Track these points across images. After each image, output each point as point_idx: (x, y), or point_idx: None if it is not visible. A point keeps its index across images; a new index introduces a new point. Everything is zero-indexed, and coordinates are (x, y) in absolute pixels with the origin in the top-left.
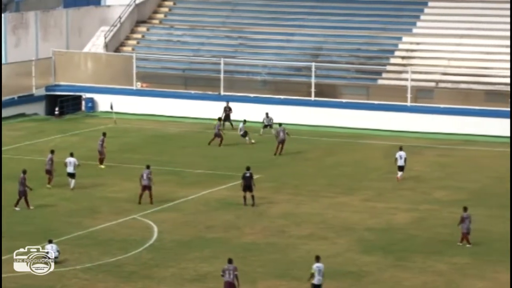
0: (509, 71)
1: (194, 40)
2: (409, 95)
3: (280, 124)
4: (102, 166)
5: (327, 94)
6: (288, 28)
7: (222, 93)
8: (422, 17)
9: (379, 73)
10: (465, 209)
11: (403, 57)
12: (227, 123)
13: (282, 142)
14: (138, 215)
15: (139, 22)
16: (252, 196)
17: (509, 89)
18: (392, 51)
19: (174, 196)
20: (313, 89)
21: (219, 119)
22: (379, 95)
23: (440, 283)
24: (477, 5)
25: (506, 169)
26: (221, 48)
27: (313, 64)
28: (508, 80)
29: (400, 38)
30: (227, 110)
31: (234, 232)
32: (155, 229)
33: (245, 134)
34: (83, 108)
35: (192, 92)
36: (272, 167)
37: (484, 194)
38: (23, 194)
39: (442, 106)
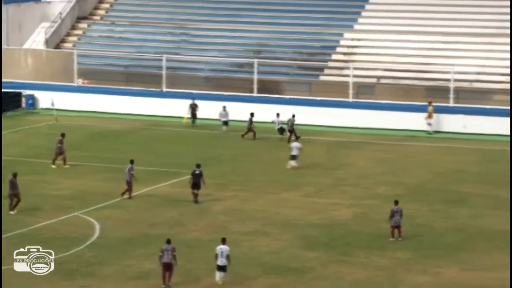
0: (449, 67)
1: (136, 36)
2: (351, 91)
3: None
4: (55, 166)
5: (269, 90)
6: (231, 25)
7: (165, 89)
8: (363, 13)
9: (321, 69)
10: (395, 202)
11: (344, 53)
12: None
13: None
14: (80, 213)
15: (80, 18)
16: (197, 194)
17: (449, 85)
18: (334, 47)
19: (117, 193)
20: (255, 85)
21: (252, 114)
22: (321, 91)
23: (382, 278)
24: (418, 1)
25: (447, 164)
26: (163, 45)
27: (256, 60)
28: (448, 76)
29: (341, 35)
30: (193, 107)
31: (178, 229)
32: (97, 226)
33: (281, 131)
34: (23, 105)
35: (134, 88)
36: (216, 164)
37: (426, 189)
38: None
39: (383, 102)
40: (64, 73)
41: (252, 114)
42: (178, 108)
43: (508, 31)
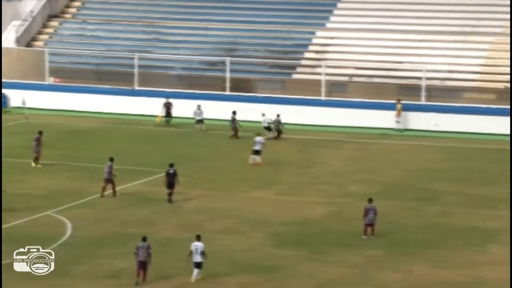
0: (420, 65)
1: (107, 34)
2: (323, 89)
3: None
4: (35, 165)
5: (242, 88)
6: (203, 23)
7: (137, 88)
8: (336, 12)
9: (293, 67)
10: (369, 200)
11: (317, 52)
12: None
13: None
14: (52, 212)
15: (52, 17)
16: (171, 193)
17: (421, 83)
18: (306, 46)
19: (88, 192)
20: (228, 84)
21: (234, 112)
22: (294, 90)
23: (355, 275)
24: None
25: (420, 162)
26: (135, 43)
27: (228, 58)
28: (420, 74)
29: (314, 33)
30: (168, 106)
31: (150, 228)
32: (69, 225)
33: (269, 129)
34: None
35: (106, 87)
36: (188, 162)
37: (398, 187)
38: None
39: (355, 100)
40: (35, 72)
41: (234, 113)
42: (150, 106)
43: (479, 29)
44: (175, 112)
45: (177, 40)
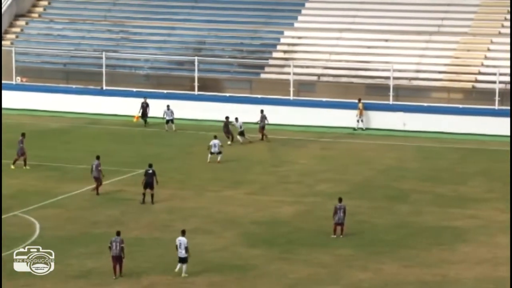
0: (388, 64)
1: (74, 34)
2: (291, 89)
3: (262, 111)
4: (27, 167)
5: (210, 88)
6: (170, 22)
7: (104, 87)
8: (303, 11)
9: (261, 67)
10: (339, 200)
11: (285, 51)
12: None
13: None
14: (20, 212)
15: (18, 16)
16: (152, 195)
17: (388, 83)
18: (274, 45)
19: (56, 192)
20: (196, 83)
21: (227, 117)
22: (262, 89)
23: (324, 275)
24: None
25: (388, 161)
26: (102, 42)
27: (196, 58)
28: (387, 74)
29: (282, 32)
30: (145, 106)
31: (119, 228)
32: (37, 225)
33: (242, 134)
34: None
35: (74, 86)
36: (157, 162)
37: (367, 186)
38: None
39: (324, 99)
40: (2, 71)
41: (227, 118)
42: (118, 106)
43: (446, 29)
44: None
45: (145, 39)
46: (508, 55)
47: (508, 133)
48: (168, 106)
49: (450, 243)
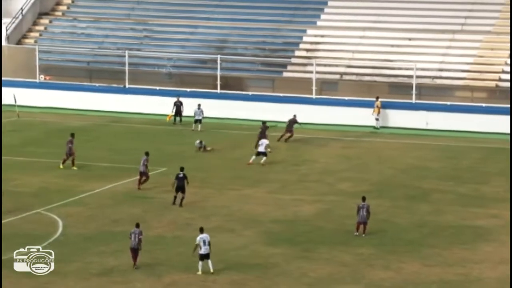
0: (411, 63)
1: (98, 32)
2: (314, 88)
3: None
4: (75, 168)
5: (232, 86)
6: (193, 21)
7: (127, 85)
8: (326, 10)
9: (284, 65)
10: (363, 199)
11: (307, 50)
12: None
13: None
14: (42, 210)
15: (42, 14)
16: (183, 198)
17: (411, 81)
18: (297, 44)
19: (79, 190)
20: (218, 82)
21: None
22: (285, 88)
23: (345, 273)
24: None
25: (410, 160)
26: (126, 41)
27: (219, 56)
28: (410, 73)
29: (304, 31)
30: (178, 105)
31: (141, 226)
32: (60, 223)
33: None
34: None
35: (97, 85)
36: (178, 160)
37: (388, 185)
38: None
39: (346, 98)
40: (26, 69)
41: (264, 123)
42: (141, 104)
43: (469, 28)
44: (165, 110)
45: (168, 38)
46: None
47: None
48: (199, 105)
49: (472, 242)
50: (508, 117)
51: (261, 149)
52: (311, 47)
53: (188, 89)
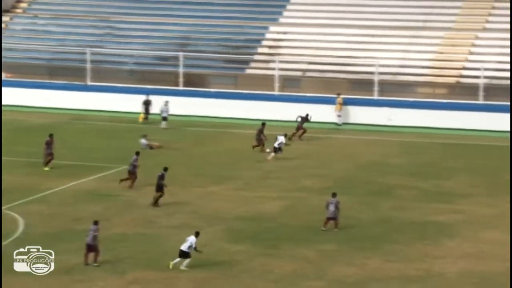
0: (373, 60)
1: (59, 29)
2: (276, 84)
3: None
4: (46, 168)
5: (195, 83)
6: (156, 18)
7: (89, 83)
8: (288, 7)
9: (246, 62)
10: (333, 195)
11: (270, 47)
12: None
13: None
14: (4, 208)
15: (2, 12)
16: (159, 197)
17: (373, 78)
18: (259, 41)
19: (41, 188)
20: (181, 79)
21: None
22: (247, 85)
23: (309, 270)
24: None
25: (373, 156)
26: (87, 38)
27: (181, 53)
28: (372, 69)
29: (267, 28)
30: (147, 104)
31: (103, 224)
32: (21, 221)
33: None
34: None
35: (58, 82)
36: (142, 158)
37: (351, 182)
38: None
39: (309, 95)
40: None
41: (263, 124)
42: (103, 101)
43: (430, 24)
44: (127, 107)
45: (130, 35)
46: (493, 50)
47: (492, 128)
48: (166, 102)
49: (434, 238)
50: (467, 112)
51: (275, 144)
52: (274, 44)
53: (150, 86)
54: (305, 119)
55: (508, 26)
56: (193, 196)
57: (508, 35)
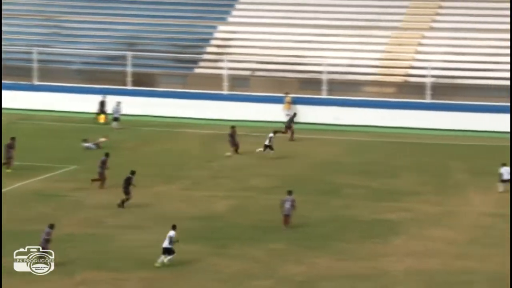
0: (321, 59)
1: (6, 29)
2: (225, 84)
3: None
4: (9, 170)
5: (144, 83)
6: (103, 17)
7: (36, 83)
8: (237, 6)
9: (195, 62)
10: (288, 192)
11: (219, 46)
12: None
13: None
14: None
15: None
16: (125, 200)
17: (322, 77)
18: (208, 40)
19: None
20: (129, 78)
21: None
22: (196, 84)
23: (258, 269)
24: None
25: (321, 155)
26: (34, 37)
27: (129, 53)
28: (321, 68)
29: (215, 27)
30: (103, 104)
31: (53, 225)
32: None
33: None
34: None
35: (4, 82)
36: (88, 158)
37: (300, 181)
38: None
39: (258, 94)
40: None
41: (233, 128)
42: (50, 101)
43: (378, 24)
44: (75, 107)
45: (77, 34)
46: (439, 49)
47: (439, 127)
48: (118, 102)
49: (382, 236)
50: (415, 111)
51: (267, 142)
52: (223, 43)
53: (99, 86)
54: (292, 118)
55: (455, 25)
56: (142, 196)
57: (455, 34)
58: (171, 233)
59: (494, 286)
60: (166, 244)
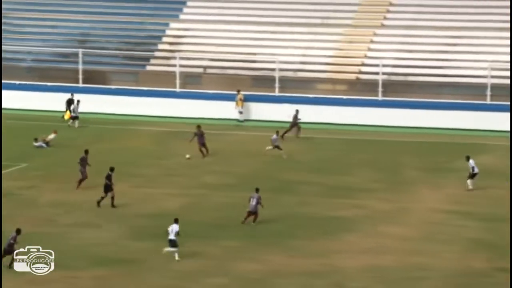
0: (274, 56)
1: None
2: (177, 81)
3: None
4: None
5: (95, 80)
6: (54, 14)
7: None
8: (189, 3)
9: (147, 59)
10: (256, 190)
11: (171, 43)
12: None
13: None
14: None
15: None
16: (110, 197)
17: (274, 75)
18: (160, 37)
19: None
20: (80, 76)
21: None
22: (148, 81)
23: (212, 267)
24: None
25: (275, 152)
26: None
27: (81, 50)
28: (273, 66)
29: (167, 24)
30: (70, 103)
31: (3, 223)
32: None
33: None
34: None
35: None
36: (38, 156)
37: (254, 178)
38: None
39: (210, 91)
40: None
41: (198, 126)
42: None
43: (330, 21)
44: (26, 105)
45: (27, 31)
46: (391, 46)
47: (390, 124)
48: (78, 101)
49: (336, 233)
50: (367, 108)
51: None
52: (174, 40)
53: (49, 84)
54: (296, 115)
55: (406, 23)
56: (93, 194)
57: (406, 32)
58: (175, 226)
59: (447, 282)
60: (172, 236)
